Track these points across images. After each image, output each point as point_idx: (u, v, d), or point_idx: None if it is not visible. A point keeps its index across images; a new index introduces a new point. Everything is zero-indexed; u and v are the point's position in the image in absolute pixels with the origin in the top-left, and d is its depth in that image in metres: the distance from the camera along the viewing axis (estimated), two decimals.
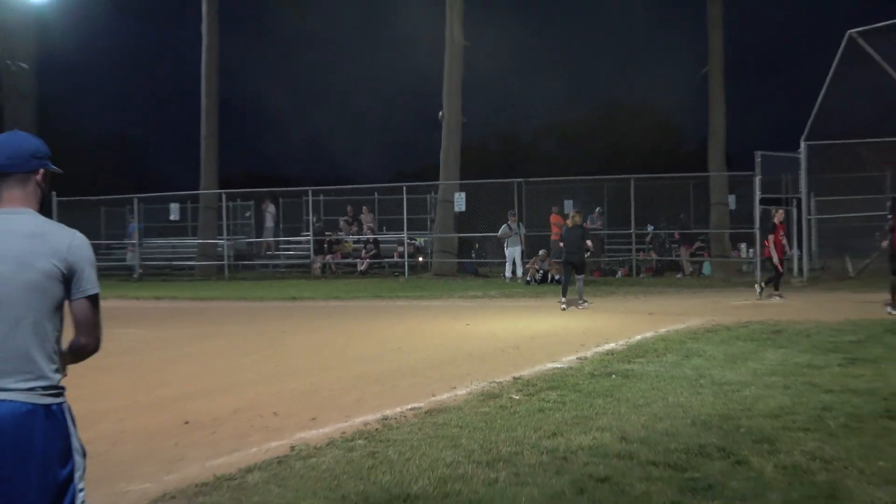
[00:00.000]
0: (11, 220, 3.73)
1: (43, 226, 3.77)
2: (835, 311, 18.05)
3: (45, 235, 3.72)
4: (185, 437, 8.22)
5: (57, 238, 3.74)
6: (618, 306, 21.29)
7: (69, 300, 3.75)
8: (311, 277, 34.83)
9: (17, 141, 3.92)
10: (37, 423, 3.58)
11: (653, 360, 11.88)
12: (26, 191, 3.86)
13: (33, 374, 3.61)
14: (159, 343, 16.26)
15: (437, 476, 6.44)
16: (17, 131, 4.02)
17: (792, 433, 7.45)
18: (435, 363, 12.59)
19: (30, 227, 3.72)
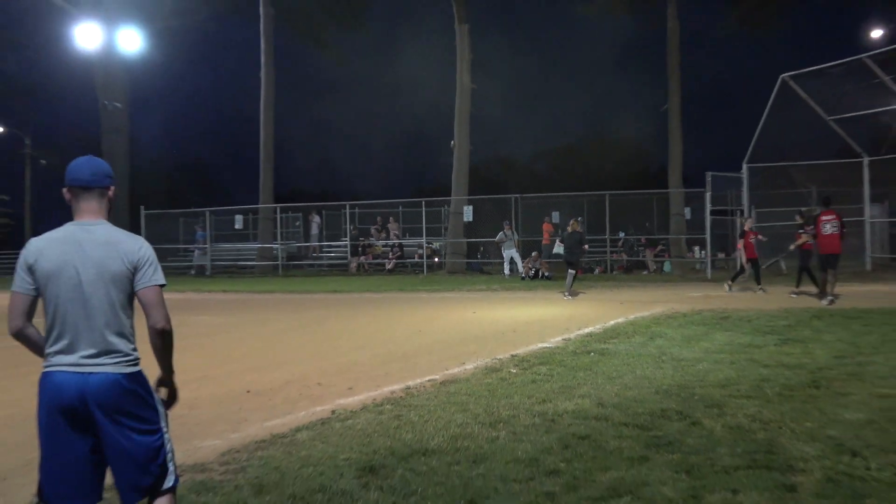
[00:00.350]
0: (90, 230, 3.82)
1: (115, 234, 3.87)
2: (771, 302, 18.02)
3: (117, 243, 3.83)
4: (246, 403, 8.25)
5: (126, 245, 3.84)
6: (595, 297, 21.25)
7: (137, 290, 3.84)
8: (348, 275, 34.84)
9: (97, 162, 3.99)
10: (120, 387, 3.74)
11: (624, 340, 11.86)
12: (101, 204, 3.94)
13: (117, 351, 3.78)
14: (226, 327, 16.29)
15: (450, 434, 6.45)
16: (93, 156, 4.06)
17: (736, 400, 7.44)
18: (448, 343, 12.59)
19: (105, 236, 3.83)
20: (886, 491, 4.89)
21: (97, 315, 3.75)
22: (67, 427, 3.65)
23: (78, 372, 3.68)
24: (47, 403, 3.67)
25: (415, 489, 5.09)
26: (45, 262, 3.74)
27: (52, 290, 3.74)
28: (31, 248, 3.79)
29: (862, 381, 8.24)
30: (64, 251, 3.76)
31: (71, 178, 3.89)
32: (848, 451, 5.70)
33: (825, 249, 17.47)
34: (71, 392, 3.65)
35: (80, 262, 3.75)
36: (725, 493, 4.88)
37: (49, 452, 3.67)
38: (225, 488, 5.22)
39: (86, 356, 3.71)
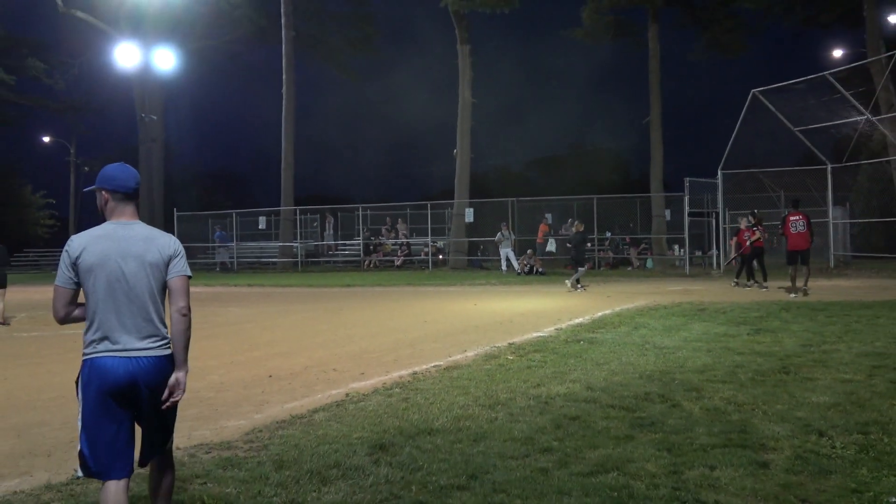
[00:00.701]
0: (130, 228, 3.88)
1: (152, 232, 3.95)
2: (744, 295, 17.99)
3: (154, 238, 3.90)
4: (269, 387, 8.22)
5: (161, 240, 3.93)
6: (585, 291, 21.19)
7: (168, 279, 3.88)
8: (361, 270, 34.86)
9: (135, 171, 4.05)
10: (164, 368, 3.82)
11: (610, 330, 11.82)
12: (134, 207, 4.00)
13: (158, 335, 3.83)
14: (251, 317, 16.26)
15: (453, 415, 6.42)
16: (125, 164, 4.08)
17: (713, 384, 7.39)
18: (451, 332, 12.56)
19: (143, 233, 3.90)
20: (850, 467, 4.85)
21: (140, 303, 3.78)
22: (115, 406, 3.69)
23: (127, 357, 3.71)
24: (98, 386, 3.67)
25: (421, 465, 5.06)
26: (89, 255, 3.74)
27: (94, 282, 3.74)
28: (74, 244, 3.79)
29: (827, 367, 8.19)
30: (107, 246, 3.77)
31: (116, 185, 3.92)
32: (815, 431, 5.66)
33: (793, 246, 17.42)
34: (121, 375, 3.68)
35: (122, 256, 3.77)
36: (703, 469, 4.84)
37: (96, 429, 3.68)
38: (248, 464, 5.19)
39: (132, 341, 3.74)
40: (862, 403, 6.50)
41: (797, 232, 17.35)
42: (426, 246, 35.32)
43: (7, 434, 6.36)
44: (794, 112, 26.45)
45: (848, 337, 10.35)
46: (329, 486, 4.73)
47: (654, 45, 34.65)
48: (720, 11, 35.55)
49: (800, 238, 17.32)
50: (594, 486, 4.60)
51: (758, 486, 4.56)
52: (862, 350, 9.25)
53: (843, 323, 11.81)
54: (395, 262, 35.33)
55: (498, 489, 4.59)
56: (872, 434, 5.56)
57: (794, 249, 17.41)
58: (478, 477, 4.81)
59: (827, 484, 4.57)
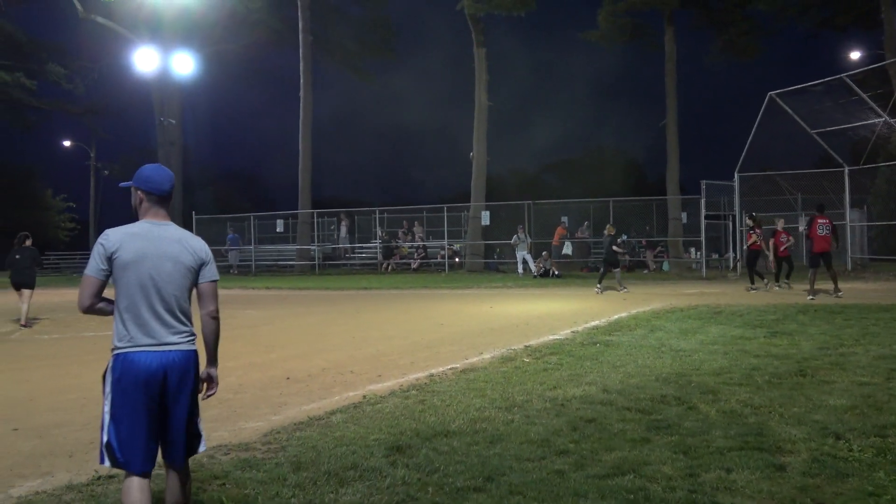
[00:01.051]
0: (165, 229, 3.99)
1: (184, 233, 4.05)
2: (760, 297, 17.90)
3: (186, 240, 4.02)
4: (286, 389, 8.25)
5: (193, 243, 4.04)
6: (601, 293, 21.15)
7: (200, 283, 4.04)
8: (378, 273, 34.91)
9: (166, 172, 4.13)
10: (193, 362, 3.99)
11: (627, 333, 11.79)
12: (168, 209, 4.10)
13: (187, 331, 3.97)
14: (270, 320, 16.33)
15: (469, 417, 6.42)
16: (157, 164, 4.18)
17: (729, 387, 7.37)
18: (467, 335, 12.57)
19: (177, 235, 4.00)
20: (867, 471, 4.82)
21: (172, 301, 3.90)
22: (144, 399, 3.78)
23: (160, 350, 3.83)
24: (131, 380, 3.77)
25: (438, 467, 5.07)
26: (126, 252, 3.84)
27: (131, 278, 3.85)
28: (111, 238, 3.88)
29: (844, 370, 8.15)
30: (144, 245, 3.88)
31: (152, 186, 4.03)
32: (832, 434, 5.63)
33: (819, 249, 17.52)
34: (154, 368, 3.79)
35: (159, 256, 3.89)
36: (720, 472, 4.83)
37: (124, 421, 3.77)
38: (267, 465, 5.22)
39: (165, 336, 3.86)
40: (879, 406, 6.46)
41: (823, 235, 17.47)
42: (442, 249, 35.35)
43: (29, 435, 6.42)
44: (811, 114, 26.34)
45: (865, 340, 10.28)
46: (346, 487, 4.75)
47: (670, 48, 34.54)
48: (736, 13, 35.43)
49: (825, 241, 17.48)
50: (610, 488, 4.59)
51: (774, 488, 4.54)
52: (879, 353, 9.19)
53: (861, 326, 11.74)
54: (412, 265, 35.36)
55: (514, 491, 4.59)
56: (890, 437, 5.52)
57: (819, 252, 17.48)
58: (494, 479, 4.81)
59: (844, 487, 4.55)
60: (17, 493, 4.87)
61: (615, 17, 35.28)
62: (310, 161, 38.08)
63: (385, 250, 36.60)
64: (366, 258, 38.32)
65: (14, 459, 5.66)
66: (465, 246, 35.45)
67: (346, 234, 38.95)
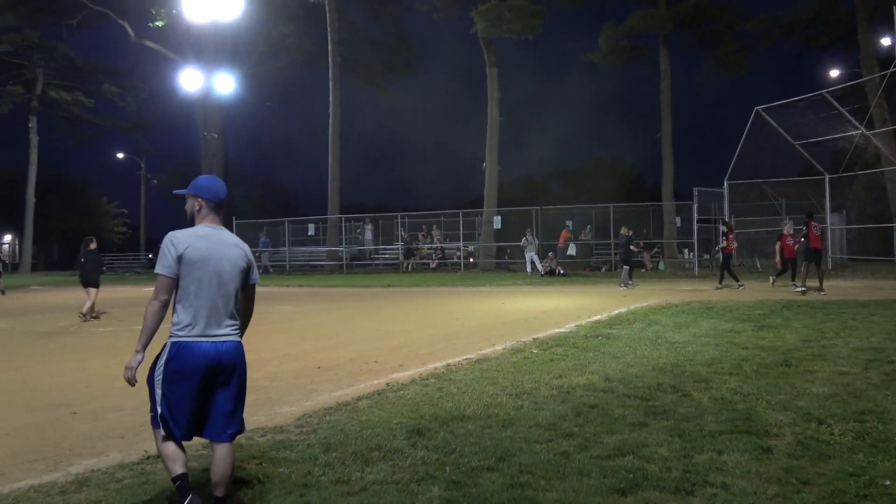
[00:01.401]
0: (221, 233, 4.11)
1: (236, 239, 4.16)
2: (748, 294, 17.79)
3: (239, 245, 4.14)
4: (317, 377, 8.26)
5: (243, 248, 4.18)
6: (602, 291, 21.09)
7: (244, 284, 4.13)
8: (400, 272, 34.93)
9: (220, 183, 4.22)
10: (240, 350, 4.08)
11: (626, 326, 11.74)
12: (221, 214, 4.19)
13: (237, 324, 4.09)
14: (303, 314, 16.37)
15: (483, 403, 6.41)
16: (212, 175, 4.28)
17: (720, 376, 7.32)
18: (481, 328, 12.55)
19: (231, 239, 4.13)
20: (848, 453, 4.77)
21: (229, 298, 4.02)
22: (196, 383, 3.88)
23: (216, 341, 3.94)
24: (188, 365, 3.88)
25: (454, 448, 5.06)
26: (194, 251, 3.95)
27: (196, 275, 3.94)
28: (180, 239, 3.97)
29: (826, 360, 8.08)
30: (209, 247, 4.00)
31: (212, 195, 4.14)
32: (815, 419, 5.58)
33: (817, 245, 18.03)
34: (212, 356, 3.91)
35: (220, 257, 4.01)
36: (712, 454, 4.79)
37: (176, 402, 3.89)
38: (299, 446, 5.22)
39: (221, 329, 3.97)
40: (858, 394, 6.40)
41: (818, 234, 18.04)
42: (458, 250, 35.34)
43: (85, 418, 6.46)
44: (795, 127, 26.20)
45: (845, 333, 10.19)
46: (371, 466, 4.75)
47: (665, 67, 34.45)
48: (726, 34, 35.31)
49: (819, 240, 18.13)
50: (611, 468, 4.57)
51: (762, 469, 4.50)
52: (858, 345, 9.11)
53: (841, 320, 11.64)
54: (431, 265, 35.35)
55: (524, 470, 4.58)
56: (868, 422, 5.47)
57: (818, 248, 18.05)
58: (505, 459, 4.80)
59: (826, 468, 4.51)
60: (75, 470, 4.91)
61: (615, 39, 35.18)
62: (338, 170, 38.15)
63: (406, 251, 36.65)
64: (389, 259, 38.34)
65: (73, 440, 5.70)
66: (479, 247, 35.44)
67: (371, 236, 38.99)
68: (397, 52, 44.39)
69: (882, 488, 4.15)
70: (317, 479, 4.52)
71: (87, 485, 4.58)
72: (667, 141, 34.15)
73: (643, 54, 37.11)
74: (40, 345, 11.91)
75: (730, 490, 4.17)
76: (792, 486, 4.23)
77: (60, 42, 46.19)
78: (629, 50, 36.18)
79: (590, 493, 4.19)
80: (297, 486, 4.42)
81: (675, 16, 33.98)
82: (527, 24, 32.57)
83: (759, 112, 26.09)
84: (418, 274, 33.25)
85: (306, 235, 39.13)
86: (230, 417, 4.01)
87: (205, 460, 4.87)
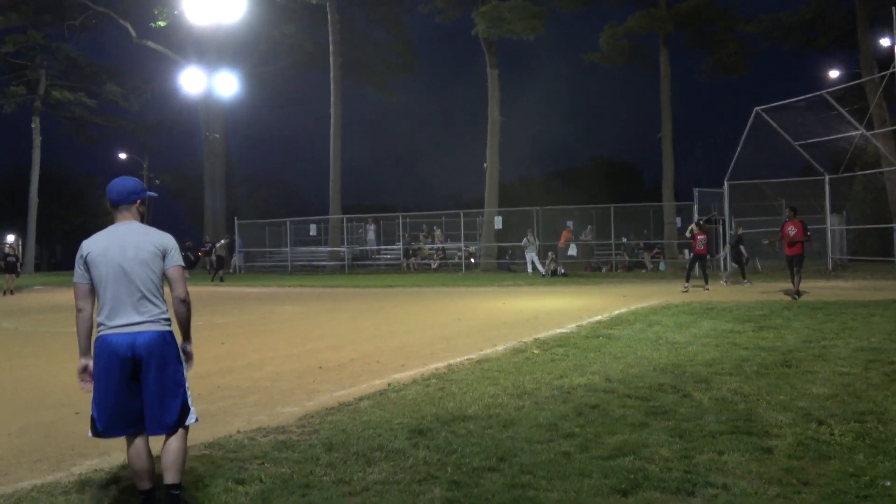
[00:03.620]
0: (126, 227, 4.13)
1: (146, 229, 4.18)
2: (749, 294, 17.78)
3: (148, 233, 4.15)
4: (319, 377, 8.26)
5: (154, 235, 4.15)
6: (603, 291, 21.08)
7: (166, 269, 4.12)
8: (401, 272, 34.93)
9: (125, 184, 4.22)
10: (161, 340, 4.03)
11: (627, 327, 11.72)
12: (132, 212, 4.20)
13: (157, 313, 4.04)
14: (303, 314, 16.37)
15: (484, 403, 6.41)
16: (125, 177, 4.29)
17: (721, 376, 7.32)
18: (482, 328, 12.55)
19: (139, 229, 4.15)
20: (848, 453, 4.77)
21: (136, 287, 4.00)
22: (120, 376, 3.94)
23: (128, 332, 3.95)
24: (105, 360, 3.95)
25: (455, 448, 5.06)
26: (94, 252, 4.05)
27: (100, 272, 4.01)
28: (83, 245, 4.10)
29: (826, 361, 8.07)
30: (107, 242, 4.06)
31: (110, 196, 4.19)
32: (815, 419, 5.57)
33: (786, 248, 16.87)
34: (124, 347, 3.93)
35: (120, 247, 4.02)
36: (712, 454, 4.79)
37: (103, 396, 3.98)
38: (301, 446, 5.22)
39: (131, 319, 3.97)
40: (858, 394, 6.39)
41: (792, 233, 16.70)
42: (459, 250, 35.34)
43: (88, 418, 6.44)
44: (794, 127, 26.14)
45: (845, 333, 10.18)
46: (373, 466, 4.75)
47: (665, 68, 34.47)
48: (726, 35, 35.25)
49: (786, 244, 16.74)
50: (612, 468, 4.57)
51: (762, 469, 4.50)
52: (858, 345, 9.10)
53: (841, 321, 11.62)
54: (432, 265, 35.36)
55: (525, 470, 4.57)
56: (868, 423, 5.46)
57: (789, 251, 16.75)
58: (507, 459, 4.80)
59: (826, 468, 4.50)
60: (78, 470, 4.92)
61: (615, 40, 35.15)
62: (340, 171, 38.18)
63: (405, 251, 36.67)
64: (391, 259, 38.34)
65: (76, 440, 5.70)
66: (480, 248, 35.43)
67: (373, 236, 38.99)
68: (399, 53, 44.36)
69: (882, 489, 4.15)
70: (319, 480, 4.52)
71: (89, 485, 4.60)
72: (667, 141, 34.18)
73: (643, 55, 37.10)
74: (44, 344, 11.92)
75: (730, 490, 4.17)
76: (792, 486, 4.23)
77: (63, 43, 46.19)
78: (629, 50, 36.16)
79: (591, 494, 4.19)
80: (299, 486, 4.41)
81: (674, 17, 33.95)
82: (528, 24, 32.53)
83: (758, 113, 26.07)
84: (420, 274, 33.24)
85: (308, 236, 39.13)
86: (161, 409, 3.99)
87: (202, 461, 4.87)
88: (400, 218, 37.58)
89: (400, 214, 37.92)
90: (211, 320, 14.91)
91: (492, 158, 35.26)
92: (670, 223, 32.47)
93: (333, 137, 37.88)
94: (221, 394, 7.38)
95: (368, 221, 39.10)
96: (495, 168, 35.39)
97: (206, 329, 13.09)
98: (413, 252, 36.86)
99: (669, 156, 34.16)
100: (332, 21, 37.87)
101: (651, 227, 34.46)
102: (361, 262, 38.70)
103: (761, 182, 27.45)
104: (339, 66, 38.30)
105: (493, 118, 35.22)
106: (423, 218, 38.76)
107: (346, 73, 41.06)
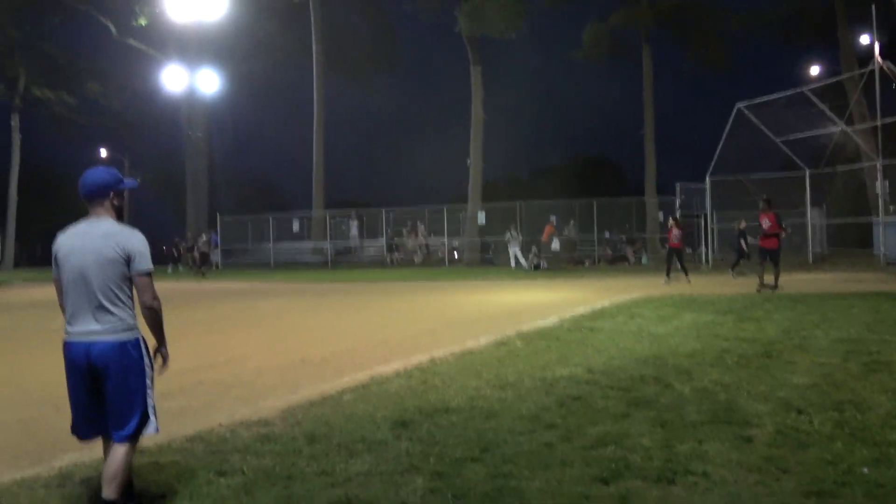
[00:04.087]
0: (94, 225, 3.94)
1: (113, 228, 3.94)
2: (729, 287, 17.87)
3: (114, 234, 3.90)
4: (302, 371, 8.23)
5: (119, 237, 3.90)
6: (585, 284, 21.12)
7: (132, 276, 3.91)
8: (385, 267, 34.88)
9: (93, 178, 3.99)
10: (118, 350, 3.86)
11: (609, 319, 11.75)
12: (104, 207, 3.99)
13: (115, 320, 3.87)
14: (286, 309, 16.31)
15: (467, 395, 6.41)
16: (98, 168, 4.08)
17: (702, 367, 7.35)
18: (465, 322, 12.55)
19: (104, 230, 3.91)
20: (826, 442, 4.81)
21: (95, 293, 3.84)
22: (81, 382, 3.89)
23: (84, 341, 3.85)
24: (68, 365, 3.92)
25: (438, 440, 5.06)
26: (62, 250, 3.94)
27: (64, 274, 3.93)
28: (56, 241, 4.00)
29: (806, 352, 8.13)
30: (73, 242, 3.92)
31: (81, 191, 4.01)
32: (795, 409, 5.61)
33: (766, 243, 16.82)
34: (79, 356, 3.85)
35: (82, 250, 3.87)
36: (693, 444, 4.81)
37: (72, 398, 3.97)
38: (284, 439, 5.21)
39: (89, 327, 3.85)
40: (837, 384, 6.45)
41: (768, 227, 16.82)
42: (443, 245, 35.36)
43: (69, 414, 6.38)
44: (776, 123, 26.35)
45: (824, 325, 10.26)
46: (356, 458, 4.74)
47: (647, 64, 34.70)
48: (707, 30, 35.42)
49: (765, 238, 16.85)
50: (594, 458, 4.58)
51: (743, 458, 4.53)
52: (837, 336, 9.17)
53: (820, 312, 11.71)
54: (416, 260, 35.36)
55: (507, 461, 4.58)
56: (847, 412, 5.51)
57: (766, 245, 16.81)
58: (489, 450, 4.80)
59: (805, 456, 4.54)
60: (58, 464, 4.87)
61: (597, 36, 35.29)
62: (323, 166, 38.15)
63: (388, 246, 36.67)
64: (374, 254, 38.27)
65: (57, 435, 5.63)
66: (464, 242, 35.47)
67: (356, 231, 38.93)
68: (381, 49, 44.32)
69: (860, 476, 4.19)
70: (301, 471, 4.50)
71: (70, 478, 4.56)
72: (649, 137, 34.43)
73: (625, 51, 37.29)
74: (24, 341, 11.81)
75: (711, 479, 4.19)
76: (772, 474, 4.26)
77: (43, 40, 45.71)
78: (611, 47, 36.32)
79: (572, 483, 4.20)
80: (281, 477, 4.40)
81: (656, 13, 34.11)
82: (508, 22, 32.62)
83: (740, 109, 26.24)
84: (403, 269, 33.20)
85: (291, 231, 39.00)
86: (118, 419, 3.89)
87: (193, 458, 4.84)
88: (383, 213, 37.53)
89: (383, 209, 37.86)
90: (193, 315, 14.82)
91: (475, 155, 35.36)
92: (652, 218, 32.69)
93: (316, 133, 37.85)
94: (204, 388, 7.33)
95: (351, 216, 39.03)
96: (479, 164, 35.51)
97: (189, 325, 13.01)
98: (396, 247, 36.83)
99: (651, 151, 34.45)
100: (315, 18, 37.77)
101: (633, 222, 34.62)
102: (345, 257, 38.62)
103: (743, 177, 27.64)
104: (322, 63, 38.21)
105: (476, 115, 35.30)
106: (406, 213, 38.73)
107: (329, 69, 40.96)
